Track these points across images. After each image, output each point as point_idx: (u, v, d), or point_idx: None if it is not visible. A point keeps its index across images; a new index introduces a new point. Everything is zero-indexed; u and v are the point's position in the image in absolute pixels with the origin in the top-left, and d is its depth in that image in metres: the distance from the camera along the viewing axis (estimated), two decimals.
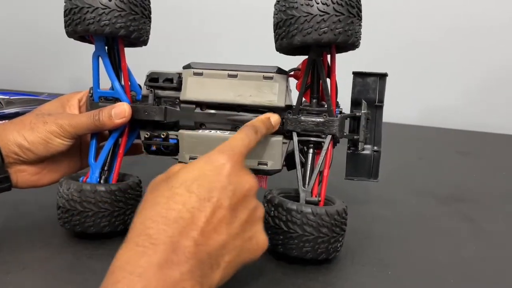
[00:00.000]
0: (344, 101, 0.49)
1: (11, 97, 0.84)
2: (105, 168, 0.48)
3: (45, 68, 1.41)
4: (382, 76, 0.48)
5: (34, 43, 1.37)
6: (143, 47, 0.49)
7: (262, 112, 0.46)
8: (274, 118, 0.44)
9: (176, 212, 0.30)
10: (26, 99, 0.85)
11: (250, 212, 0.34)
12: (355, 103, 0.49)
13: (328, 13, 0.40)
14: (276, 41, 0.43)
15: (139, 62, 0.60)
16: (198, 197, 0.31)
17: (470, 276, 0.44)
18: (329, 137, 0.44)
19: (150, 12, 0.47)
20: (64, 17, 0.44)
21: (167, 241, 0.29)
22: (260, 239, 0.35)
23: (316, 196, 0.43)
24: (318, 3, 0.40)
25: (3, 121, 0.78)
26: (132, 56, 0.52)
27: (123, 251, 0.29)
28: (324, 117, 0.45)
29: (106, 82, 0.48)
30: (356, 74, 0.49)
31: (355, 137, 0.48)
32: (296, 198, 0.44)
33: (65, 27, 0.45)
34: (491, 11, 1.03)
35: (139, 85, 0.50)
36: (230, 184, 0.33)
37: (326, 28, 0.40)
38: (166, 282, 0.28)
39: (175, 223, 0.30)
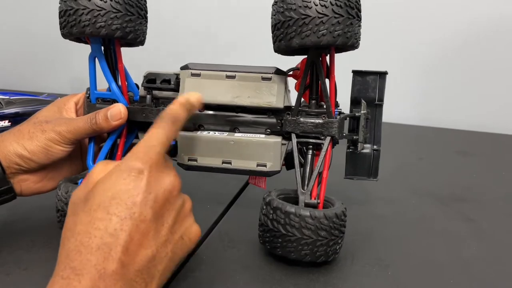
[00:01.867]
0: (344, 99, 0.49)
1: (11, 97, 0.83)
2: None
3: (45, 68, 1.40)
4: (382, 75, 0.48)
5: (34, 43, 1.37)
6: (140, 46, 0.49)
7: (261, 112, 0.46)
8: (191, 96, 0.40)
9: (98, 238, 0.30)
10: (26, 99, 0.85)
11: (177, 212, 0.34)
12: (355, 102, 0.48)
13: (327, 15, 0.39)
14: (274, 42, 0.43)
15: (136, 62, 0.60)
16: (118, 217, 0.31)
17: (470, 276, 0.44)
18: (328, 138, 0.44)
19: (146, 12, 0.47)
20: (59, 19, 0.44)
21: (92, 270, 0.29)
22: (192, 233, 0.35)
23: (315, 198, 0.43)
24: (316, 5, 0.39)
25: (3, 121, 0.79)
26: (128, 55, 0.51)
27: (50, 284, 0.29)
28: (323, 118, 0.44)
29: (103, 83, 0.48)
30: (356, 73, 0.48)
31: (354, 137, 0.48)
32: (295, 199, 0.44)
33: (60, 29, 0.44)
34: (492, 11, 1.03)
35: (136, 85, 0.49)
36: (150, 192, 0.32)
37: (325, 31, 0.39)
38: None
39: (99, 250, 0.29)
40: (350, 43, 0.40)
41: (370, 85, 0.48)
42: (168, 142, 0.36)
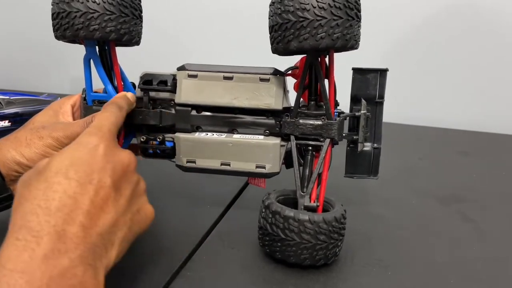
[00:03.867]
0: (344, 97, 0.49)
1: (11, 97, 0.83)
2: None
3: (45, 68, 1.40)
4: (383, 72, 0.47)
5: (34, 43, 1.37)
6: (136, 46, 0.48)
7: (260, 114, 0.46)
8: (129, 94, 0.46)
9: (57, 201, 0.29)
10: (26, 99, 0.85)
11: (133, 186, 0.35)
12: (355, 100, 0.48)
13: (325, 18, 0.38)
14: (271, 44, 0.42)
15: (133, 62, 0.60)
16: (77, 182, 0.31)
17: (470, 277, 0.44)
18: (328, 140, 0.44)
19: (141, 11, 0.46)
20: (52, 21, 0.43)
21: (52, 231, 0.28)
22: (147, 210, 0.36)
23: (314, 201, 0.43)
24: (314, 7, 0.38)
25: (3, 121, 0.79)
26: (124, 54, 0.51)
27: (2, 248, 0.28)
28: (323, 120, 0.44)
29: (100, 83, 0.48)
30: (356, 71, 0.48)
31: (354, 137, 0.47)
32: (295, 200, 0.44)
33: (53, 31, 0.44)
34: (492, 11, 1.03)
35: (133, 84, 0.49)
36: (108, 162, 0.33)
37: (323, 34, 0.38)
38: (53, 272, 0.27)
39: (58, 211, 0.29)
40: (349, 45, 0.40)
41: (370, 83, 0.48)
42: (117, 125, 0.38)
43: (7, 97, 0.83)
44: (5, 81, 1.36)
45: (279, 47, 0.41)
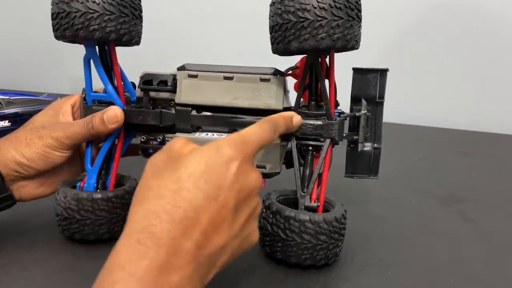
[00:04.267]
0: (344, 97, 0.49)
1: (11, 97, 0.83)
2: (102, 172, 0.48)
3: (45, 68, 1.40)
4: (383, 72, 0.47)
5: (34, 43, 1.37)
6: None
7: (260, 114, 0.46)
8: (297, 118, 0.42)
9: (182, 210, 0.29)
10: (26, 99, 0.85)
11: (251, 211, 0.34)
12: (355, 100, 0.48)
13: (326, 18, 0.38)
14: (272, 44, 0.42)
15: (133, 62, 0.60)
16: (205, 195, 0.30)
17: (470, 277, 0.44)
18: (328, 140, 0.44)
19: (141, 11, 0.46)
20: (52, 21, 0.43)
21: (170, 243, 0.28)
22: (253, 237, 0.35)
23: (315, 201, 0.43)
24: (315, 8, 0.37)
25: (3, 121, 0.79)
26: (124, 54, 0.51)
27: (123, 247, 0.28)
28: (323, 120, 0.44)
29: (100, 83, 0.48)
30: (356, 71, 0.48)
31: (354, 137, 0.47)
32: (295, 200, 0.44)
33: (53, 31, 0.43)
34: (492, 11, 1.03)
35: (133, 84, 0.49)
36: (237, 182, 0.31)
37: (324, 34, 0.38)
38: (164, 287, 0.27)
39: (180, 223, 0.29)
40: (350, 46, 0.40)
41: (370, 83, 0.47)
42: (264, 145, 0.36)
43: (7, 97, 0.83)
44: (5, 81, 1.36)
45: (280, 47, 0.40)
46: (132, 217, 0.29)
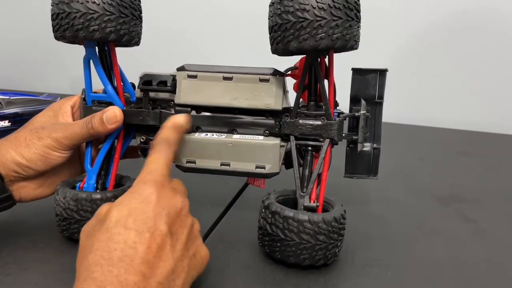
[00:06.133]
0: (344, 97, 0.49)
1: (11, 97, 0.83)
2: (102, 172, 0.48)
3: (45, 68, 1.40)
4: (382, 72, 0.47)
5: (34, 43, 1.37)
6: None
7: (259, 114, 0.46)
8: (179, 119, 0.43)
9: (119, 251, 0.30)
10: (26, 99, 0.85)
11: (188, 230, 0.35)
12: (354, 100, 0.48)
13: (325, 18, 0.38)
14: (271, 44, 0.42)
15: (133, 62, 0.60)
16: (136, 231, 0.31)
17: (470, 277, 0.44)
18: (327, 141, 0.44)
19: (140, 11, 0.46)
20: (52, 21, 0.43)
21: (115, 281, 0.29)
22: (202, 253, 0.36)
23: (314, 201, 0.43)
24: (314, 8, 0.37)
25: (3, 121, 0.79)
26: (124, 55, 0.51)
27: None
28: (322, 120, 0.44)
29: (99, 83, 0.48)
30: (356, 71, 0.48)
31: (354, 137, 0.47)
32: (294, 200, 0.44)
33: (53, 32, 0.43)
34: (491, 11, 1.03)
35: (133, 84, 0.49)
36: (163, 209, 0.33)
37: (323, 34, 0.38)
38: None
39: (120, 261, 0.30)
40: (349, 46, 0.40)
41: (370, 83, 0.47)
42: (169, 165, 0.38)
43: (7, 97, 0.83)
44: (5, 81, 1.36)
45: (279, 47, 0.40)
46: (76, 276, 0.31)
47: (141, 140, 0.48)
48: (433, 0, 1.05)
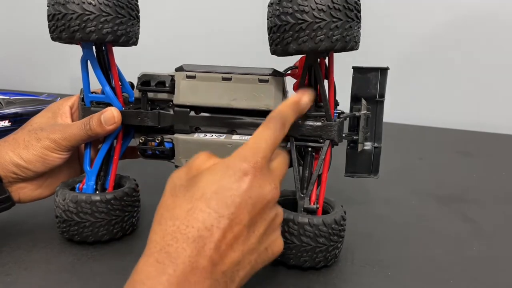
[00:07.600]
0: (344, 97, 0.49)
1: (11, 97, 0.83)
2: (101, 173, 0.47)
3: (45, 68, 1.40)
4: (383, 70, 0.47)
5: (34, 43, 1.37)
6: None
7: (259, 114, 0.45)
8: (306, 98, 0.40)
9: (196, 230, 0.30)
10: (26, 99, 0.85)
11: (268, 223, 0.34)
12: (355, 99, 0.48)
13: (325, 20, 0.37)
14: (270, 45, 0.41)
15: (131, 62, 0.60)
16: (217, 213, 0.30)
17: (470, 276, 0.44)
18: (328, 142, 0.44)
19: (138, 11, 0.45)
20: (48, 22, 0.42)
21: (186, 261, 0.29)
22: (275, 248, 0.35)
23: (314, 203, 0.43)
24: (313, 9, 0.37)
25: (3, 121, 0.79)
26: (122, 55, 0.51)
27: (144, 265, 0.29)
28: (322, 121, 0.43)
29: (98, 83, 0.47)
30: (356, 69, 0.47)
31: (354, 137, 0.47)
32: (294, 201, 0.44)
33: (49, 33, 0.43)
34: (491, 12, 1.03)
35: (131, 84, 0.49)
36: (250, 197, 0.32)
37: (322, 36, 0.37)
38: None
39: (194, 242, 0.29)
40: (349, 47, 0.39)
41: (371, 82, 0.47)
42: (276, 146, 0.35)
43: (7, 97, 0.83)
44: (5, 81, 1.36)
45: (278, 49, 0.40)
46: (151, 237, 0.31)
47: (140, 140, 0.48)
48: (433, 2, 1.05)
